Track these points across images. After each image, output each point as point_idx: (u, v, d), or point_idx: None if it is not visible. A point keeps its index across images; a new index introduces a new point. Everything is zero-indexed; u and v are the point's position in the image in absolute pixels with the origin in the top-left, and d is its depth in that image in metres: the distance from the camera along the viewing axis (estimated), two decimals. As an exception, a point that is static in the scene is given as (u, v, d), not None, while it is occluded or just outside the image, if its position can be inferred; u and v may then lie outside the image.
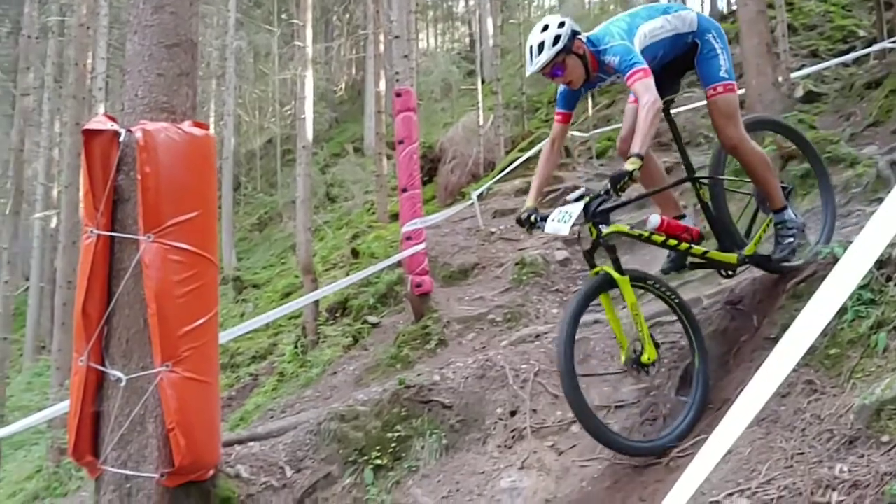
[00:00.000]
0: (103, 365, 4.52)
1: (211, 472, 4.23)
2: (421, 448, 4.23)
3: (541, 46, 3.85)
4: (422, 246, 6.91)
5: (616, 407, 4.19)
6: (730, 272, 4.29)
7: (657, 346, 3.92)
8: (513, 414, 4.39)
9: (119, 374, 4.46)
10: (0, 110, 31.03)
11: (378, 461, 4.26)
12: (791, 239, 4.26)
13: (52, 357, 15.17)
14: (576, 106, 4.15)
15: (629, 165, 3.66)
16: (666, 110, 4.25)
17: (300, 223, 10.13)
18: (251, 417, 7.70)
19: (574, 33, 3.91)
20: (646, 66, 3.77)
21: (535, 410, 4.27)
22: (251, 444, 4.78)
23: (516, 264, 7.12)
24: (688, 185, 4.38)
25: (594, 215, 3.81)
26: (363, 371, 6.59)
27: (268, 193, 27.94)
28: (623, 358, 3.88)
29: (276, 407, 6.98)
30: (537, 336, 5.28)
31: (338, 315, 9.49)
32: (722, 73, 4.13)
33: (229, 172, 22.41)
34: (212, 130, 3.72)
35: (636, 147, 3.68)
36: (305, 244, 9.81)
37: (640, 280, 4.00)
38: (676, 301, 3.99)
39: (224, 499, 4.18)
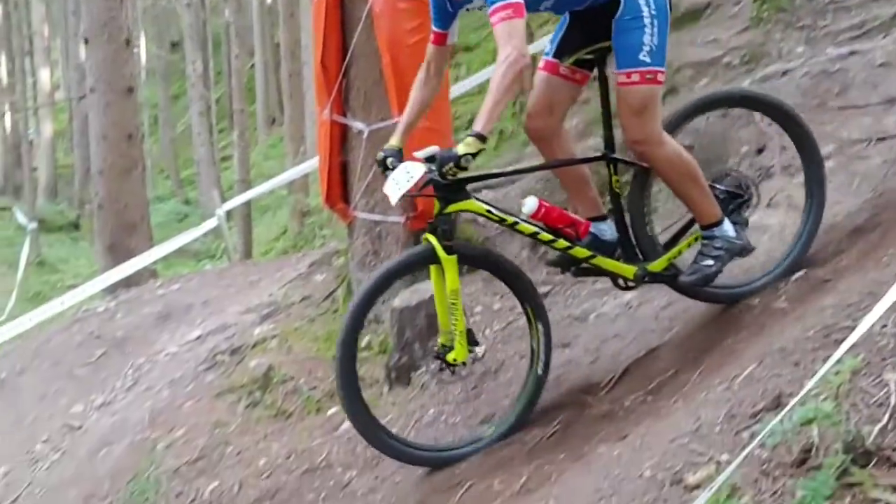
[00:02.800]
0: (345, 117, 4.73)
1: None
2: (658, 191, 4.15)
3: None
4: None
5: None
6: (629, 284, 3.44)
7: (475, 344, 3.33)
8: (759, 152, 4.19)
9: (361, 125, 4.67)
10: None
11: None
12: (711, 262, 3.27)
13: (284, 128, 16.15)
14: (451, 25, 3.25)
15: (462, 147, 2.92)
16: (601, 61, 3.30)
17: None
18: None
19: None
20: (519, 1, 2.89)
21: (784, 147, 4.02)
22: (486, 191, 4.92)
23: (755, 1, 6.53)
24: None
25: (440, 186, 3.09)
26: (585, 125, 6.45)
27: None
28: (439, 342, 3.33)
29: (499, 165, 7.07)
30: (784, 73, 4.89)
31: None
32: (643, 56, 3.10)
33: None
34: None
35: (478, 123, 2.91)
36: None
37: (474, 260, 3.45)
38: (522, 289, 3.35)
39: (465, 240, 4.37)
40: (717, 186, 3.40)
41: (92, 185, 10.14)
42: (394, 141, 3.35)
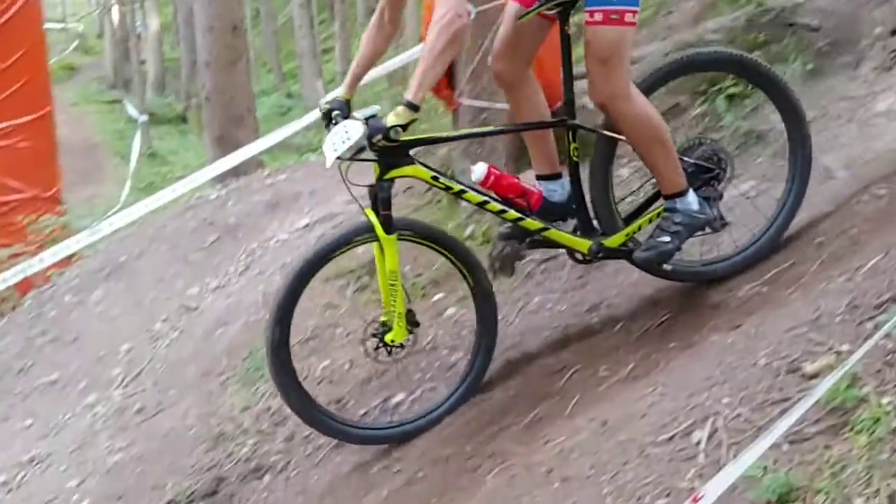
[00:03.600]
0: (451, 0, 4.61)
1: (558, 105, 4.31)
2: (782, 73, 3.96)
3: None
4: None
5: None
6: (587, 258, 3.22)
7: (415, 325, 3.21)
8: (893, 33, 3.91)
9: (467, 6, 4.55)
10: None
11: (731, 90, 4.07)
12: (668, 238, 3.04)
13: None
14: None
15: (392, 118, 2.75)
16: (564, 14, 3.00)
17: None
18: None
19: None
20: None
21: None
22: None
23: None
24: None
25: (380, 149, 2.85)
26: (701, 8, 6.14)
27: None
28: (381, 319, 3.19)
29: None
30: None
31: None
32: None
33: None
34: None
35: (409, 91, 2.73)
36: None
37: (417, 235, 3.18)
38: (468, 268, 3.21)
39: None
40: (686, 159, 3.15)
41: (199, 77, 10.34)
42: (342, 91, 3.17)
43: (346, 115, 3.01)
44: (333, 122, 3.02)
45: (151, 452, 3.94)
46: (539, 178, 3.29)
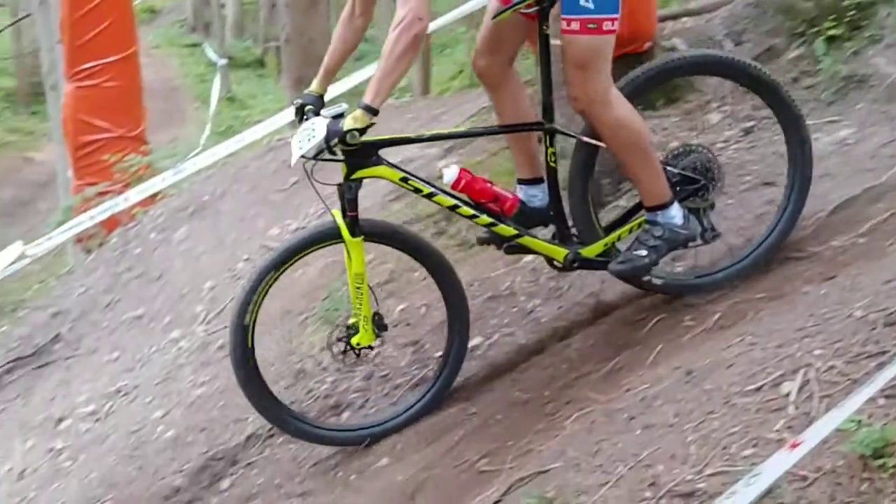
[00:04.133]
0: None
1: (647, 45, 4.19)
2: (886, 16, 3.76)
3: None
4: None
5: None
6: (563, 267, 3.09)
7: (383, 329, 3.15)
8: None
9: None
10: None
11: (831, 31, 3.90)
12: (644, 252, 2.92)
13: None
14: None
15: (349, 122, 2.66)
16: (542, 14, 2.86)
17: None
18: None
19: None
20: None
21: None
22: (685, 19, 4.62)
23: None
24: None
25: (345, 150, 2.76)
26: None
27: None
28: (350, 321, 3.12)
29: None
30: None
31: None
32: (583, 2, 2.70)
33: None
34: None
35: (368, 95, 2.64)
36: None
37: (383, 237, 3.13)
38: (436, 270, 3.15)
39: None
40: (671, 168, 3.02)
41: (278, 20, 10.36)
42: (314, 86, 3.08)
43: (319, 110, 2.94)
44: (305, 117, 2.98)
45: (233, 387, 4.02)
46: (520, 181, 3.21)
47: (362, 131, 2.70)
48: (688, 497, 2.02)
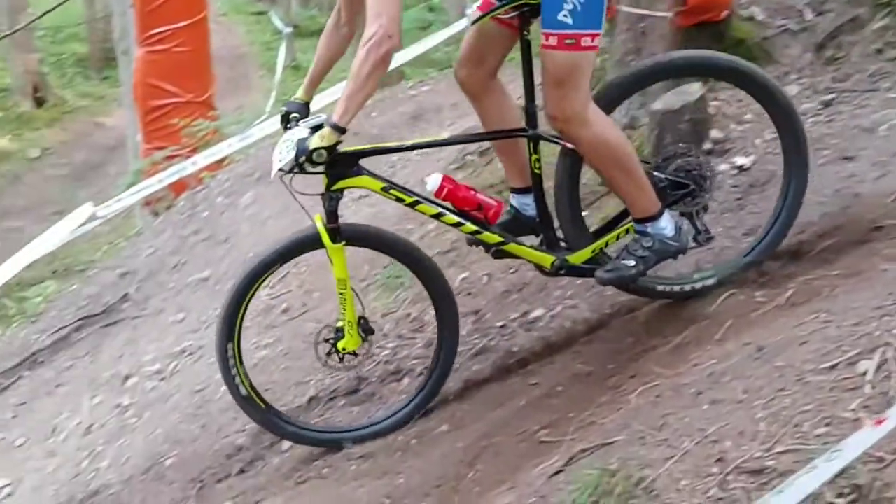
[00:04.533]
0: None
1: (724, 14, 4.08)
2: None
3: None
4: None
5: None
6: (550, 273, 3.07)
7: (370, 332, 3.19)
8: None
9: None
10: None
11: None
12: (632, 262, 2.90)
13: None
14: None
15: (315, 140, 2.66)
16: (524, 20, 2.80)
17: None
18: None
19: None
20: None
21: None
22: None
23: None
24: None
25: (328, 164, 2.76)
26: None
27: None
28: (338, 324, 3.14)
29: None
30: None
31: None
32: (562, 16, 2.62)
33: None
34: None
35: (336, 113, 2.64)
36: None
37: (366, 242, 3.14)
38: (424, 273, 3.15)
39: (737, 41, 4.03)
40: (658, 174, 2.96)
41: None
42: (300, 93, 3.08)
43: (304, 118, 2.96)
44: (290, 125, 2.98)
45: (296, 350, 4.07)
46: (512, 190, 3.19)
47: (329, 149, 2.69)
48: (756, 474, 1.97)
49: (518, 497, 2.44)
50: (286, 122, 3.04)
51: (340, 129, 2.67)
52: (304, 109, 3.05)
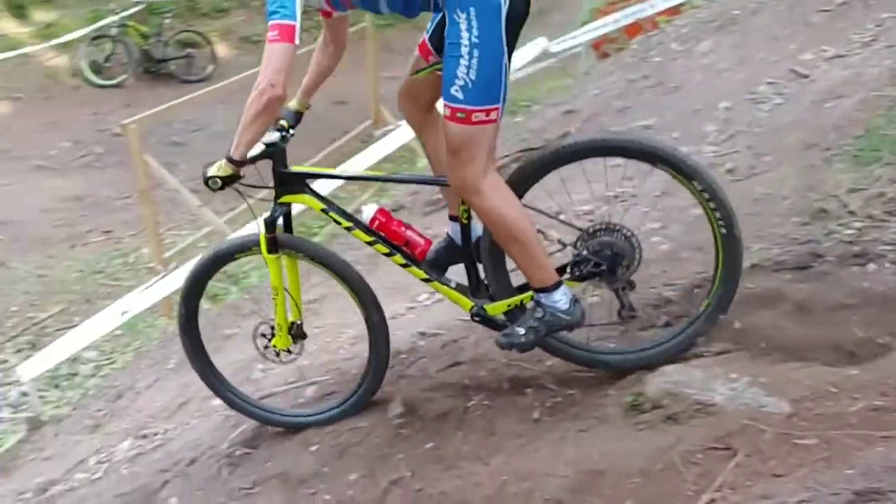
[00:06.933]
0: None
1: None
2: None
3: None
4: None
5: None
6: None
7: (302, 337, 3.28)
8: None
9: None
10: None
11: None
12: (523, 332, 2.90)
13: None
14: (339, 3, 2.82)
15: (213, 169, 2.79)
16: None
17: None
18: None
19: None
20: (288, 21, 2.53)
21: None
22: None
23: None
24: None
25: (275, 176, 3.00)
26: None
27: None
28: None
29: None
30: None
31: None
32: (454, 91, 2.63)
33: None
34: None
35: (231, 147, 2.74)
36: None
37: (305, 255, 3.14)
38: (356, 291, 3.13)
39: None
40: (574, 250, 2.94)
41: None
42: (293, 102, 3.17)
43: (294, 125, 3.13)
44: (276, 128, 3.08)
45: (740, 215, 3.79)
46: (451, 218, 3.18)
47: (224, 178, 2.79)
48: None
49: None
50: (275, 124, 3.13)
51: (235, 162, 2.77)
52: (294, 117, 3.17)
